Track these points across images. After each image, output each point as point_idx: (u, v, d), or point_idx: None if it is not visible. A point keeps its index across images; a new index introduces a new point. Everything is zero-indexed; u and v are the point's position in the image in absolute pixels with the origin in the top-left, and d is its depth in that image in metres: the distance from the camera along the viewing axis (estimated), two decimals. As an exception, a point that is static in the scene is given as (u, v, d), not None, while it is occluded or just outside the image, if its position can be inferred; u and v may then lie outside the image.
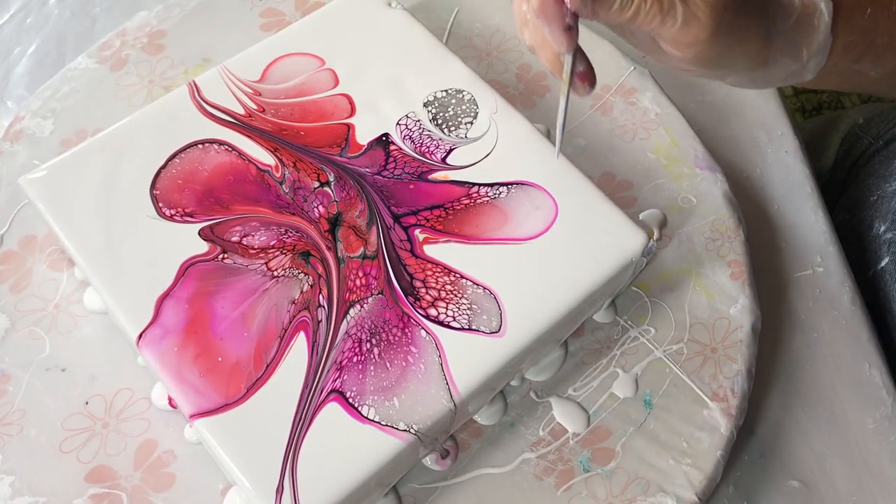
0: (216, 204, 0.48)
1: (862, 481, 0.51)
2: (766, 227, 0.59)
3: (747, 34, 0.44)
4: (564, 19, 0.43)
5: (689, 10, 0.42)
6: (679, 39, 0.43)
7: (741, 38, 0.44)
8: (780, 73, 0.48)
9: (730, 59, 0.45)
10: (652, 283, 0.53)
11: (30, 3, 0.66)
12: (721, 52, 0.44)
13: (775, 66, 0.47)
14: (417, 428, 0.41)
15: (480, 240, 0.47)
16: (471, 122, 0.51)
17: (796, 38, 0.46)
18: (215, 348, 0.43)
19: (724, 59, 0.45)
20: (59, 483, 0.45)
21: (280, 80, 0.53)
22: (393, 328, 0.44)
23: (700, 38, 0.42)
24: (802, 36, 0.46)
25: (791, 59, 0.47)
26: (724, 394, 0.50)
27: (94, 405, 0.47)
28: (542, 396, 0.49)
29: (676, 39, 0.43)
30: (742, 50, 0.45)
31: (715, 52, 0.44)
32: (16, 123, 0.57)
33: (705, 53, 0.44)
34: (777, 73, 0.48)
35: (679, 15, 0.42)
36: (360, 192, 0.48)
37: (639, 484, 0.47)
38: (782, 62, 0.47)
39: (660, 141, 0.58)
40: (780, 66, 0.47)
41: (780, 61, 0.47)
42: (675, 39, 0.43)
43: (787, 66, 0.47)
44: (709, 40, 0.43)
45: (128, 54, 0.60)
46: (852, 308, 0.56)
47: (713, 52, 0.44)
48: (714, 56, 0.44)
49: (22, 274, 0.51)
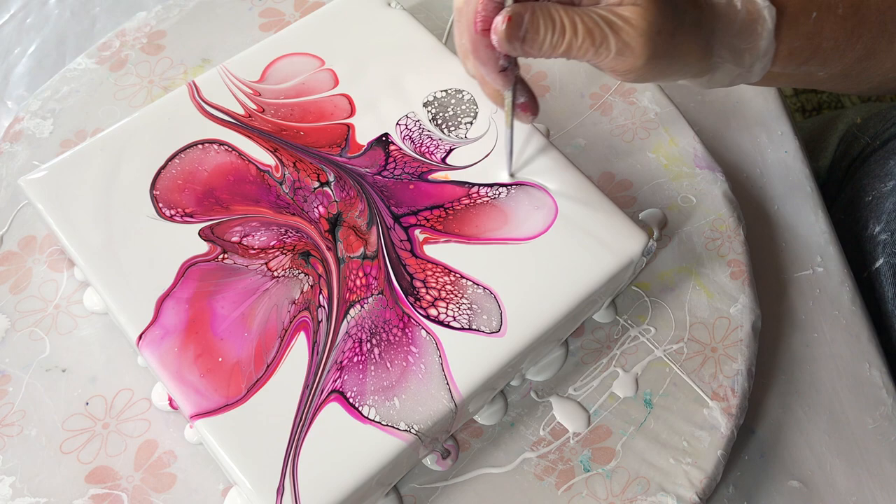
0: (216, 204, 0.48)
1: (862, 481, 0.51)
2: (766, 227, 0.59)
3: (685, 50, 0.44)
4: (498, 62, 0.43)
5: (621, 40, 0.41)
6: (615, 68, 0.43)
7: (678, 55, 0.44)
8: (725, 78, 0.48)
9: (671, 74, 0.45)
10: (652, 283, 0.53)
11: (30, 3, 0.66)
12: (661, 71, 0.44)
13: (719, 72, 0.47)
14: (418, 428, 0.41)
15: (480, 240, 0.47)
16: (470, 122, 0.51)
17: (739, 45, 0.46)
18: (216, 348, 0.43)
19: (664, 74, 0.45)
20: (60, 484, 0.45)
21: (280, 81, 0.52)
22: (393, 328, 0.44)
23: (636, 65, 0.42)
24: (745, 43, 0.46)
25: (734, 66, 0.47)
26: (725, 393, 0.50)
27: (94, 406, 0.47)
28: (542, 396, 0.49)
29: (613, 68, 0.43)
30: (682, 64, 0.45)
31: (654, 72, 0.44)
32: (15, 124, 0.57)
33: (644, 75, 0.44)
34: (721, 78, 0.48)
35: (612, 46, 0.41)
36: (360, 193, 0.48)
37: (639, 483, 0.47)
38: (725, 68, 0.47)
39: (659, 140, 0.58)
40: (724, 72, 0.47)
41: (724, 67, 0.47)
42: (611, 68, 0.43)
43: (731, 72, 0.47)
44: (644, 66, 0.42)
45: (127, 55, 0.60)
46: (852, 308, 0.56)
47: (653, 73, 0.44)
48: (653, 75, 0.44)
49: (22, 275, 0.51)
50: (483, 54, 0.43)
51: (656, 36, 0.42)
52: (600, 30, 0.41)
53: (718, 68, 0.47)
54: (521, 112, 0.47)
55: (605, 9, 0.42)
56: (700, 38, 0.45)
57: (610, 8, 0.42)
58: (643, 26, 0.41)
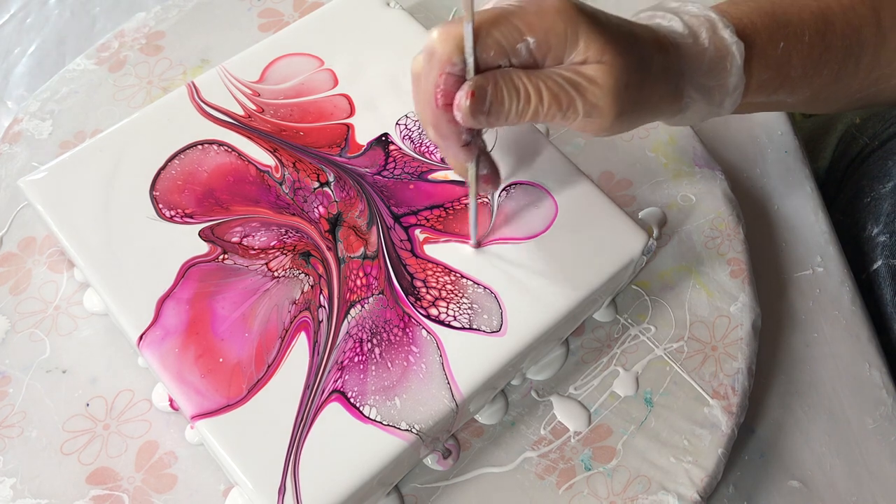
0: (216, 205, 0.48)
1: (862, 481, 0.51)
2: (766, 227, 0.59)
3: (655, 99, 0.43)
4: (461, 136, 0.41)
5: (588, 101, 0.40)
6: (585, 128, 0.41)
7: (649, 104, 0.43)
8: (696, 115, 0.47)
9: (642, 121, 0.44)
10: (652, 282, 0.53)
11: (30, 3, 0.66)
12: (631, 122, 0.43)
13: (690, 111, 0.46)
14: (419, 427, 0.41)
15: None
16: (470, 122, 0.51)
17: (708, 83, 0.45)
18: (216, 349, 0.43)
19: (636, 124, 0.44)
20: (61, 485, 0.45)
21: (279, 81, 0.52)
22: (394, 328, 0.44)
23: (605, 125, 0.41)
24: (714, 80, 0.45)
25: (705, 104, 0.46)
26: (725, 391, 0.50)
27: (94, 407, 0.47)
28: (543, 395, 0.49)
29: (583, 128, 0.42)
30: (653, 111, 0.44)
31: (625, 125, 0.42)
32: (14, 125, 0.57)
33: (615, 130, 0.42)
34: (692, 116, 0.47)
35: (580, 109, 0.40)
36: (360, 193, 0.48)
37: (640, 482, 0.47)
38: (696, 107, 0.46)
39: (659, 139, 0.58)
40: (695, 111, 0.46)
41: (694, 107, 0.46)
42: (581, 128, 0.42)
43: (702, 109, 0.47)
44: (614, 124, 0.41)
45: (126, 55, 0.60)
46: (852, 308, 0.56)
47: (623, 126, 0.42)
48: (625, 127, 0.43)
49: (22, 276, 0.51)
50: (445, 129, 0.40)
51: (624, 92, 0.40)
52: (566, 93, 0.39)
53: (689, 108, 0.46)
54: (482, 183, 0.45)
55: (570, 69, 0.40)
56: (669, 83, 0.43)
57: (574, 68, 0.40)
58: (610, 84, 0.39)
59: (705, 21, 0.45)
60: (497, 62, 0.39)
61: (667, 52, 0.43)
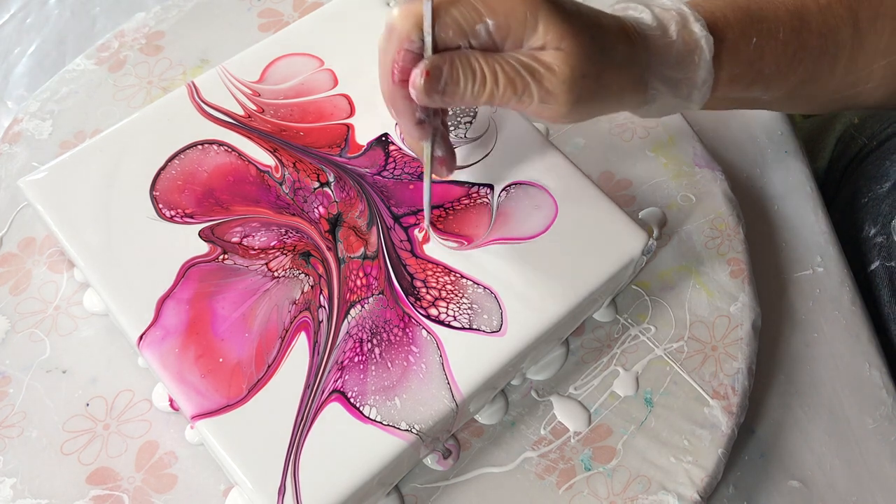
0: (216, 205, 0.48)
1: (862, 481, 0.51)
2: (766, 227, 0.59)
3: (615, 89, 0.43)
4: (415, 114, 0.41)
5: (544, 88, 0.39)
6: (540, 114, 0.41)
7: (608, 94, 0.42)
8: (663, 108, 0.47)
9: (603, 111, 0.44)
10: (652, 282, 0.53)
11: (30, 3, 0.66)
12: (589, 112, 0.43)
13: (656, 103, 0.46)
14: (419, 427, 0.41)
15: (480, 239, 0.47)
16: (470, 122, 0.51)
17: (675, 76, 0.45)
18: (216, 349, 0.43)
19: (596, 114, 0.43)
20: (61, 485, 0.45)
21: (279, 81, 0.52)
22: (394, 328, 0.44)
23: (560, 112, 0.41)
24: (682, 73, 0.45)
25: (671, 96, 0.46)
26: (725, 391, 0.50)
27: (94, 407, 0.47)
28: (543, 395, 0.49)
29: (538, 114, 0.41)
30: (614, 101, 0.44)
31: (581, 115, 0.42)
32: (14, 125, 0.57)
33: (572, 119, 0.42)
34: (660, 108, 0.47)
35: (535, 94, 0.40)
36: (360, 193, 0.48)
37: (640, 482, 0.47)
38: (663, 100, 0.46)
39: (659, 139, 0.58)
40: (662, 103, 0.46)
41: (661, 99, 0.46)
42: (536, 114, 0.41)
43: (669, 102, 0.46)
44: (570, 112, 0.41)
45: (126, 55, 0.60)
46: (852, 308, 0.56)
47: (581, 116, 0.42)
48: (583, 116, 0.42)
49: (22, 276, 0.51)
50: (400, 105, 0.41)
51: (580, 81, 0.40)
52: (522, 78, 0.39)
53: (655, 100, 0.46)
54: (437, 166, 0.45)
55: (528, 55, 0.40)
56: (632, 74, 0.43)
57: (532, 54, 0.40)
58: (566, 73, 0.39)
59: (676, 14, 0.45)
60: (456, 42, 0.39)
61: (632, 43, 0.43)
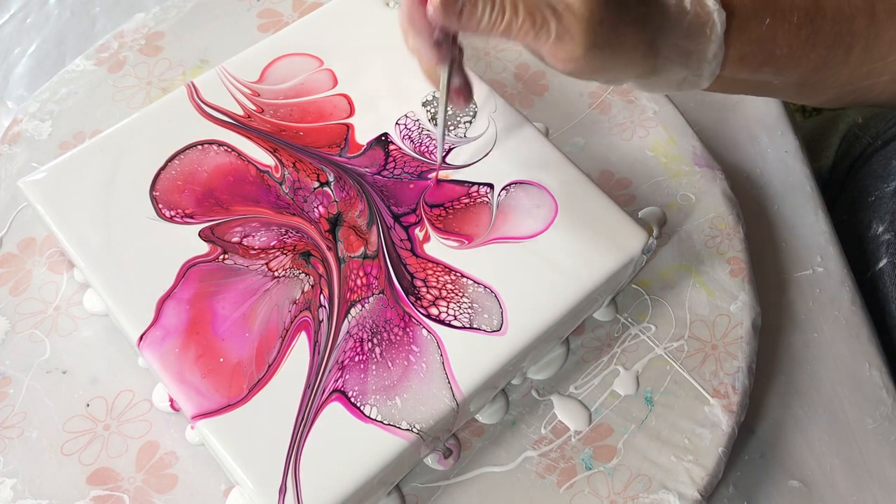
0: (216, 205, 0.48)
1: (862, 481, 0.51)
2: (766, 227, 0.59)
3: (628, 46, 0.43)
4: (433, 34, 0.42)
5: (562, 26, 0.40)
6: (555, 54, 0.42)
7: (621, 49, 0.43)
8: (672, 80, 0.47)
9: (612, 69, 0.44)
10: (652, 281, 0.53)
11: (30, 3, 0.66)
12: (601, 64, 0.43)
13: (665, 74, 0.46)
14: (420, 427, 0.41)
15: (480, 238, 0.47)
16: (470, 122, 0.51)
17: (687, 46, 0.45)
18: (217, 349, 0.43)
19: (606, 69, 0.44)
20: (61, 485, 0.45)
21: (279, 81, 0.52)
22: (394, 327, 0.44)
23: (575, 53, 0.41)
24: (693, 45, 0.45)
25: (681, 67, 0.46)
26: (725, 390, 0.50)
27: (95, 407, 0.47)
28: (543, 394, 0.49)
29: (553, 54, 0.42)
30: (625, 60, 0.44)
31: (594, 64, 0.43)
32: (14, 126, 0.57)
33: (585, 66, 0.42)
34: (668, 81, 0.47)
35: (552, 31, 0.40)
36: (360, 192, 0.48)
37: (641, 481, 0.47)
38: (672, 70, 0.46)
39: (658, 138, 0.58)
40: (671, 74, 0.46)
41: (670, 69, 0.46)
42: (551, 54, 0.42)
43: (678, 74, 0.46)
44: (585, 56, 0.41)
45: (126, 56, 0.60)
46: (852, 308, 0.56)
47: (593, 65, 0.43)
48: (595, 67, 0.43)
49: (22, 276, 0.51)
50: (418, 24, 0.41)
51: (598, 25, 0.41)
52: (541, 13, 0.40)
53: (665, 69, 0.46)
54: (453, 96, 0.45)
55: None
56: (645, 35, 0.44)
57: None
58: (585, 14, 0.40)
59: None
60: None
61: (647, 5, 0.44)
